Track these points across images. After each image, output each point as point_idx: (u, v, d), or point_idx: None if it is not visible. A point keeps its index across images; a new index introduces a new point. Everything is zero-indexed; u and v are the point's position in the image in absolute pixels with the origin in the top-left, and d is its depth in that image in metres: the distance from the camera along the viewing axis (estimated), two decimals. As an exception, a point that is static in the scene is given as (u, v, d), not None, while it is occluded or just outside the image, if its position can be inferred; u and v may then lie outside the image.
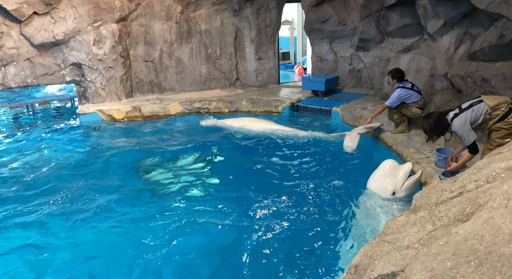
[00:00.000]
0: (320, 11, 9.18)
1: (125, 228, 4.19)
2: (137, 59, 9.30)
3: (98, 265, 3.59)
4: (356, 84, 9.60)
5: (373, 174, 4.44)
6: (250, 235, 3.88)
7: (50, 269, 3.53)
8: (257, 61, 10.23)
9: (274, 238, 3.85)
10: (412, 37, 7.85)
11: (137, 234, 4.04)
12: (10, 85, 8.23)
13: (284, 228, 3.99)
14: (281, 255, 3.56)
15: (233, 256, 3.61)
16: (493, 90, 5.13)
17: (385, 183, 4.23)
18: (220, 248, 3.75)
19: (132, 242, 3.90)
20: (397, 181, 4.19)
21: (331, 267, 3.36)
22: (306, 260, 3.48)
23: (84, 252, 3.79)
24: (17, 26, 7.93)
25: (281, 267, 3.41)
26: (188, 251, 3.68)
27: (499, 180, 1.61)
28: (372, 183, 4.39)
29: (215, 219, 4.24)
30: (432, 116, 4.20)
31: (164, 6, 9.17)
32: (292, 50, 16.72)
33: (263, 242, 3.80)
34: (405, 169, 4.24)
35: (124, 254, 3.72)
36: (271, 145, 6.65)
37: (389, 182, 4.21)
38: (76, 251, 3.80)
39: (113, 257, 3.70)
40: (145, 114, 8.64)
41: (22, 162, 6.27)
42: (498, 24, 5.23)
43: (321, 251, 3.60)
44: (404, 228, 1.70)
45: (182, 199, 4.75)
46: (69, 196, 4.89)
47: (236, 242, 3.81)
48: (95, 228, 4.21)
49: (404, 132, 6.08)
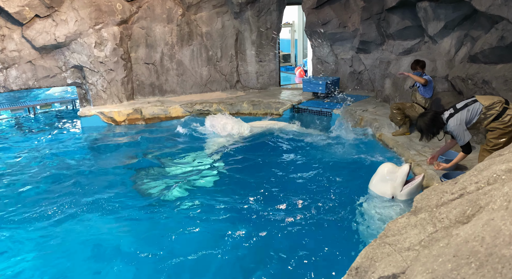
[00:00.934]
0: (321, 13, 9.20)
1: (125, 229, 4.19)
2: (138, 62, 9.32)
3: (96, 265, 3.59)
4: (357, 86, 9.61)
5: (372, 178, 4.41)
6: (251, 236, 3.88)
7: (50, 270, 3.53)
8: (258, 63, 10.24)
9: (275, 238, 3.85)
10: (413, 39, 7.86)
11: (138, 234, 4.05)
12: (12, 87, 8.26)
13: (285, 229, 3.99)
14: (282, 257, 3.55)
15: (233, 257, 3.61)
16: (494, 92, 5.13)
17: (384, 187, 4.19)
18: (220, 248, 3.74)
19: (134, 243, 3.90)
20: (396, 185, 4.14)
21: (332, 268, 3.35)
22: (306, 261, 3.48)
23: (83, 253, 3.79)
24: (19, 29, 7.96)
25: (282, 268, 3.40)
26: (188, 251, 3.68)
27: (500, 182, 1.61)
28: (372, 187, 4.36)
29: (216, 219, 4.24)
30: (428, 115, 4.20)
31: (165, 8, 9.20)
32: (293, 53, 16.74)
33: (263, 242, 3.80)
34: (403, 172, 4.16)
35: (124, 254, 3.72)
36: (272, 147, 6.66)
37: (388, 186, 4.16)
38: (77, 253, 3.80)
39: (113, 258, 3.70)
40: (146, 116, 8.65)
41: (22, 164, 6.28)
42: (498, 26, 5.23)
43: (322, 252, 3.59)
44: (405, 229, 1.70)
45: (183, 200, 4.75)
46: (70, 198, 4.89)
47: (236, 242, 3.81)
48: (95, 228, 4.22)
49: (405, 134, 6.07)
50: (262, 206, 4.51)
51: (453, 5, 6.44)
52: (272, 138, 7.07)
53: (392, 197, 4.16)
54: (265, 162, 5.93)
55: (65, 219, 4.40)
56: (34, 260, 3.71)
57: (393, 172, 4.19)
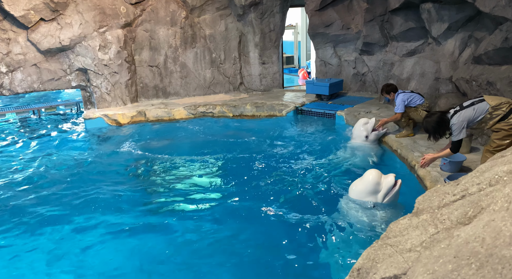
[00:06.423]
0: (324, 15, 9.21)
1: (127, 232, 4.20)
2: (142, 64, 9.37)
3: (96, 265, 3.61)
4: (361, 88, 9.59)
5: (356, 184, 4.18)
6: (251, 236, 3.89)
7: (49, 269, 3.56)
8: (261, 65, 10.26)
9: (276, 239, 3.84)
10: (417, 41, 7.84)
11: (139, 234, 4.06)
12: (17, 90, 8.33)
13: (286, 230, 3.99)
14: (283, 257, 3.55)
15: (233, 258, 3.61)
16: (498, 94, 5.10)
17: (366, 197, 4.04)
18: (220, 249, 3.75)
19: (134, 243, 3.91)
20: (378, 196, 3.99)
21: (333, 270, 3.34)
22: (308, 262, 3.47)
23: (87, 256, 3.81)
24: (24, 32, 8.03)
25: (283, 269, 3.40)
26: (187, 252, 3.69)
27: (502, 183, 1.60)
28: (354, 193, 4.17)
29: (216, 220, 4.25)
30: (434, 116, 4.19)
31: (168, 11, 9.25)
32: (296, 55, 16.76)
33: (264, 243, 3.80)
34: (388, 184, 3.95)
35: (124, 255, 3.73)
36: (274, 148, 6.66)
37: (371, 197, 4.01)
38: (81, 256, 3.82)
39: (113, 259, 3.71)
40: (150, 119, 8.70)
41: (27, 166, 6.32)
42: (503, 28, 5.22)
43: (323, 253, 3.59)
44: (407, 231, 1.70)
45: (184, 201, 4.76)
46: (73, 200, 4.92)
47: (236, 243, 3.82)
48: (96, 229, 4.24)
49: (409, 136, 6.06)
50: (262, 204, 4.51)
51: (457, 7, 6.43)
52: (273, 139, 7.08)
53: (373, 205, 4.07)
54: (266, 163, 5.93)
55: (66, 219, 4.43)
56: (41, 261, 3.74)
57: (378, 183, 3.98)
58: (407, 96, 5.94)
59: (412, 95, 5.97)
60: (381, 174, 4.05)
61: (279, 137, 7.28)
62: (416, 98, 5.95)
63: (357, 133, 6.36)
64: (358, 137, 6.35)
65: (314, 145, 6.71)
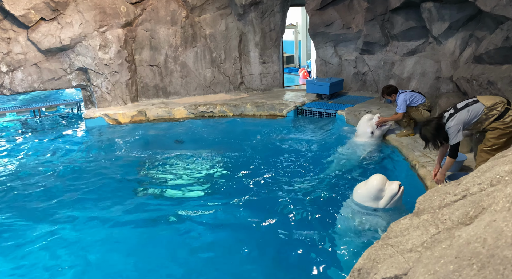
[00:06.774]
0: (325, 14, 9.19)
1: (128, 231, 4.20)
2: (142, 64, 9.36)
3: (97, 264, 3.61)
4: (361, 87, 9.58)
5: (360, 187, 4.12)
6: (251, 236, 3.89)
7: (49, 269, 3.55)
8: (262, 65, 10.25)
9: (276, 239, 3.84)
10: (417, 40, 7.82)
11: (138, 234, 4.06)
12: (18, 90, 8.33)
13: (287, 230, 3.98)
14: (284, 258, 3.55)
15: (234, 258, 3.61)
16: (499, 93, 5.09)
17: (369, 202, 3.99)
18: (220, 250, 3.75)
19: (134, 241, 3.91)
20: (381, 202, 3.93)
21: (334, 270, 3.34)
22: (308, 262, 3.47)
23: (89, 254, 3.81)
24: (24, 31, 8.03)
25: (283, 270, 3.40)
26: (187, 252, 3.69)
27: (503, 183, 1.59)
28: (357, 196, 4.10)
29: (216, 220, 4.25)
30: (432, 123, 4.11)
31: (169, 11, 9.24)
32: (297, 54, 16.74)
33: (264, 243, 3.79)
34: (391, 191, 3.89)
35: (124, 255, 3.73)
36: (274, 147, 6.65)
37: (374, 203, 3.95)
38: (83, 253, 3.82)
39: (114, 259, 3.72)
40: (150, 118, 8.69)
41: (27, 165, 6.33)
42: (503, 27, 5.20)
43: (324, 254, 3.58)
44: (407, 231, 1.69)
45: (185, 202, 4.76)
46: (73, 199, 4.92)
47: (236, 243, 3.82)
48: (97, 230, 4.24)
49: (410, 135, 6.05)
50: (262, 205, 4.51)
51: (458, 6, 6.41)
52: (273, 139, 7.07)
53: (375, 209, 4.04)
54: (266, 163, 5.93)
55: (67, 220, 4.43)
56: (43, 260, 3.74)
57: (382, 190, 3.92)
58: (409, 96, 5.93)
59: (413, 95, 5.96)
60: (386, 180, 3.95)
61: (280, 137, 7.27)
62: (418, 97, 5.94)
63: (362, 130, 6.21)
64: (363, 134, 6.21)
65: (315, 145, 6.71)
